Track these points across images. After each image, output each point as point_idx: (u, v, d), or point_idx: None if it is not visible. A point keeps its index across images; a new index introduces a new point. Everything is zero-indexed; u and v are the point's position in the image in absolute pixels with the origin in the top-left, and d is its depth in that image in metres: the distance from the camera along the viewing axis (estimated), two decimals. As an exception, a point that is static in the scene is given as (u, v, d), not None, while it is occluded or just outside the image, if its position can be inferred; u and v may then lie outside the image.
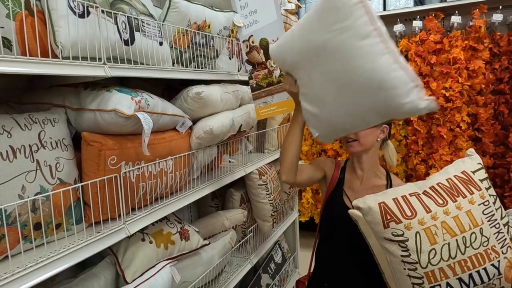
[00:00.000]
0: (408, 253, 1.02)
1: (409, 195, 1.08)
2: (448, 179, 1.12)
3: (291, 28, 1.16)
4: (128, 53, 1.14)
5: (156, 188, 1.25)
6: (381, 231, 1.05)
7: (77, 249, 0.96)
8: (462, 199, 1.07)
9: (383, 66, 0.91)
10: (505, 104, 2.99)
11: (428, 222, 1.03)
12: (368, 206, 1.06)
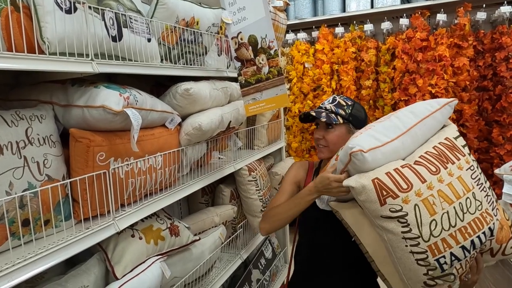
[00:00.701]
0: (408, 228, 0.96)
1: (401, 167, 1.01)
2: (435, 147, 1.08)
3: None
4: (116, 50, 1.14)
5: (145, 184, 1.25)
6: (377, 209, 0.98)
7: (66, 245, 0.96)
8: (451, 166, 1.04)
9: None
10: (489, 100, 3.07)
11: (425, 193, 0.97)
12: (362, 185, 0.98)
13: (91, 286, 1.14)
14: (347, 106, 1.33)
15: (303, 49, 3.63)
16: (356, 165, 1.03)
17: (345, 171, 1.09)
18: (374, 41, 3.39)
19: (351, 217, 1.13)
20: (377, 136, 1.05)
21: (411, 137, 1.08)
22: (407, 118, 1.11)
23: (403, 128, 1.08)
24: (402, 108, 3.29)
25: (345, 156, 1.05)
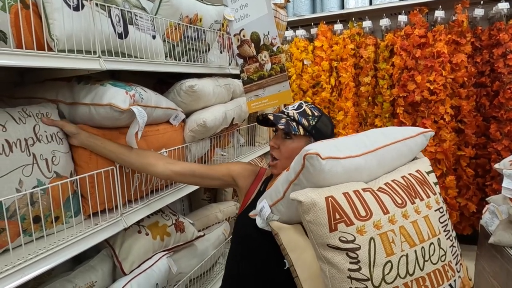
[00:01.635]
0: (358, 266, 0.79)
1: (362, 190, 0.86)
2: (404, 177, 0.95)
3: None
4: (122, 46, 1.15)
5: (151, 180, 1.26)
6: (325, 235, 0.80)
7: (75, 241, 0.97)
8: (419, 202, 0.90)
9: None
10: (486, 96, 3.10)
11: (385, 226, 0.82)
12: (312, 201, 0.81)
13: (99, 282, 1.16)
14: (312, 116, 1.12)
15: (302, 46, 3.64)
16: (309, 173, 0.85)
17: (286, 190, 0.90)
18: (373, 38, 3.41)
19: (292, 243, 0.93)
20: (339, 147, 0.89)
21: (377, 159, 0.94)
22: (376, 138, 0.98)
23: (370, 146, 0.93)
24: (400, 104, 3.28)
25: (298, 162, 0.88)
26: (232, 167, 1.25)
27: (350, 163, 0.87)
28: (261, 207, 0.99)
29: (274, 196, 0.97)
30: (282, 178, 0.95)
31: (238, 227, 1.17)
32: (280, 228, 0.95)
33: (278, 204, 0.96)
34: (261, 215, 0.99)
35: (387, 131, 1.04)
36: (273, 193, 0.98)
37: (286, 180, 0.92)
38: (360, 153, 0.90)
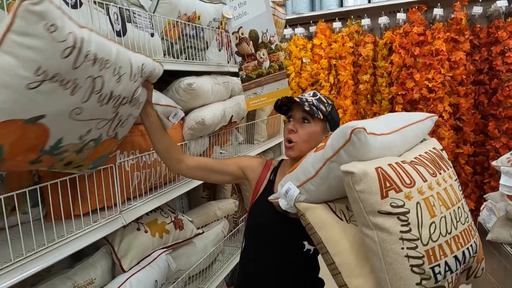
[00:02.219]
0: (409, 228, 0.87)
1: (402, 162, 0.94)
2: (426, 152, 1.04)
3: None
4: (120, 44, 1.15)
5: (150, 178, 1.27)
6: (376, 202, 0.87)
7: (74, 239, 0.97)
8: (444, 173, 1.00)
9: None
10: (485, 94, 3.10)
11: (427, 192, 0.91)
12: (363, 171, 0.87)
13: (98, 279, 1.16)
14: (327, 104, 1.19)
15: (301, 44, 3.64)
16: (355, 147, 0.90)
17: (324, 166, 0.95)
18: (372, 36, 3.41)
19: (320, 222, 0.99)
20: (371, 126, 0.94)
21: (402, 137, 1.02)
22: (396, 120, 1.06)
23: (394, 126, 1.01)
24: (399, 102, 3.29)
25: (339, 139, 0.92)
26: (241, 160, 1.29)
27: (384, 139, 0.95)
28: (287, 189, 1.03)
29: (301, 177, 1.02)
30: (312, 159, 1.01)
31: (254, 216, 1.21)
32: (307, 208, 1.00)
33: (308, 184, 1.01)
34: (287, 196, 1.03)
35: (402, 115, 1.14)
36: (300, 174, 1.03)
37: (321, 158, 0.98)
38: (389, 131, 0.98)
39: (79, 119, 0.84)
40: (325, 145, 0.98)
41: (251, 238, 1.22)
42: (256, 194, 1.23)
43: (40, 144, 0.80)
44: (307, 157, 1.05)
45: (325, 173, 0.97)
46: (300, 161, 1.08)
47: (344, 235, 0.97)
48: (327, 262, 0.99)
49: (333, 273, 0.98)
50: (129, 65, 0.93)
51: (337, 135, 0.94)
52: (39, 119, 0.76)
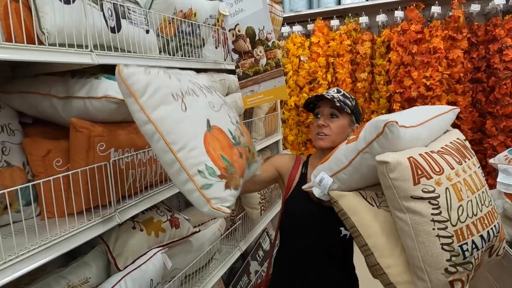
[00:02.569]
0: (439, 210, 0.97)
1: (430, 152, 1.03)
2: (451, 143, 1.13)
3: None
4: (115, 41, 1.13)
5: (145, 176, 1.25)
6: (409, 188, 0.97)
7: (68, 237, 0.96)
8: (468, 161, 1.10)
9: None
10: (482, 92, 3.10)
11: (454, 179, 1.01)
12: (397, 160, 0.96)
13: (93, 278, 1.15)
14: (351, 98, 1.33)
15: (298, 42, 3.63)
16: (387, 139, 0.99)
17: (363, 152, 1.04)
18: (369, 34, 3.40)
19: (353, 207, 1.09)
20: (402, 119, 1.02)
21: (428, 129, 1.10)
22: (422, 112, 1.15)
23: (421, 119, 1.09)
24: (397, 100, 3.28)
25: (375, 130, 1.01)
26: (275, 161, 1.41)
27: (413, 131, 1.03)
28: (321, 179, 1.15)
29: (334, 167, 1.13)
30: (344, 150, 1.11)
31: (290, 208, 1.32)
32: (340, 195, 1.10)
33: (340, 173, 1.11)
34: (321, 185, 1.15)
35: (426, 108, 1.22)
36: (333, 164, 1.13)
37: (353, 150, 1.07)
38: (417, 124, 1.05)
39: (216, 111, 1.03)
40: (358, 138, 1.07)
41: (288, 231, 1.33)
42: (289, 188, 1.34)
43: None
44: (339, 149, 1.15)
45: (358, 163, 1.07)
46: (331, 153, 1.18)
47: (375, 219, 1.07)
48: (359, 244, 1.10)
49: (366, 254, 1.08)
50: None
51: (369, 128, 1.03)
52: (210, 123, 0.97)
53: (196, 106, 0.96)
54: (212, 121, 0.97)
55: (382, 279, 1.07)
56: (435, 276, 0.98)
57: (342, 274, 1.34)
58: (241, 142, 1.03)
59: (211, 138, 0.93)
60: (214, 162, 0.92)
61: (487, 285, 1.88)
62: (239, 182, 0.96)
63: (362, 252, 1.10)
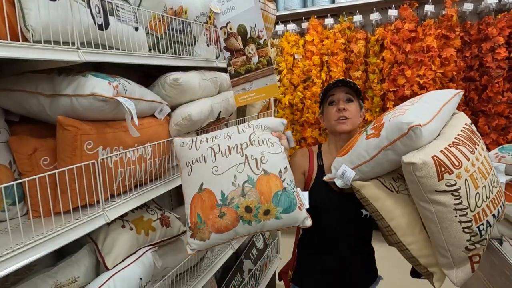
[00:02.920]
0: (460, 200, 1.08)
1: (449, 147, 1.12)
2: (462, 130, 1.21)
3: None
4: (103, 38, 1.12)
5: (135, 175, 1.25)
6: (434, 184, 1.07)
7: (55, 236, 0.95)
8: (478, 147, 1.19)
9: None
10: (475, 90, 3.12)
11: (471, 169, 1.11)
12: (423, 161, 1.06)
13: (82, 277, 1.14)
14: (356, 84, 1.44)
15: (292, 41, 3.62)
16: (412, 140, 1.09)
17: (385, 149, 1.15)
18: (363, 32, 3.41)
19: (375, 195, 1.21)
20: (419, 114, 1.12)
21: (440, 118, 1.19)
22: (433, 101, 1.22)
23: (434, 110, 1.17)
24: (390, 98, 3.28)
25: (397, 131, 1.11)
26: (296, 167, 1.46)
27: (430, 127, 1.12)
28: (343, 171, 1.26)
29: (356, 161, 1.23)
30: (365, 145, 1.21)
31: (313, 199, 1.36)
32: (362, 185, 1.22)
33: (362, 166, 1.22)
34: (343, 177, 1.26)
35: (436, 94, 1.30)
36: (354, 158, 1.24)
37: (376, 147, 1.17)
38: (431, 118, 1.14)
39: (218, 174, 1.13)
40: (379, 135, 1.17)
41: (312, 220, 1.40)
42: (309, 180, 1.43)
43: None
44: (358, 143, 1.25)
45: (380, 158, 1.17)
46: (349, 146, 1.29)
47: (396, 204, 1.20)
48: (382, 226, 1.23)
49: (388, 234, 1.22)
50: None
51: (391, 128, 1.13)
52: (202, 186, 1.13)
53: (198, 172, 1.16)
54: (206, 184, 1.14)
55: (405, 254, 1.22)
56: (457, 253, 1.12)
57: (364, 251, 1.47)
58: (233, 203, 1.09)
59: (197, 198, 1.13)
60: (190, 217, 1.14)
61: (478, 282, 1.90)
62: (207, 235, 1.11)
63: (385, 232, 1.24)
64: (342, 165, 1.26)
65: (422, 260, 1.19)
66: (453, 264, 1.15)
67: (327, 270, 1.43)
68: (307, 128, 3.64)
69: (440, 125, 1.20)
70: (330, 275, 1.43)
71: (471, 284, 2.06)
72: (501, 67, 2.92)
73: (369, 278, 1.50)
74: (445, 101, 1.24)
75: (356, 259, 1.42)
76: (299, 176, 1.47)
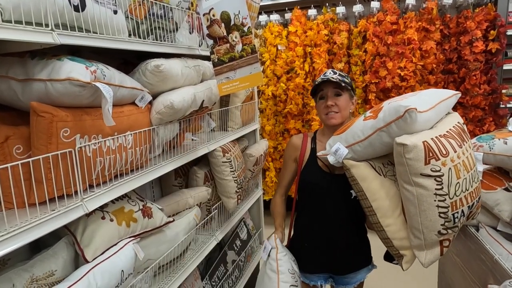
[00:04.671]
0: (441, 186, 1.16)
1: (439, 136, 1.19)
2: (454, 127, 1.28)
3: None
4: (79, 21, 1.06)
5: (115, 164, 1.20)
6: (420, 167, 1.15)
7: (30, 227, 0.90)
8: (465, 144, 1.27)
9: None
10: (453, 83, 3.19)
11: (456, 160, 1.18)
12: (414, 144, 1.13)
13: (60, 271, 1.10)
14: (346, 76, 1.51)
15: (276, 31, 3.59)
16: (406, 123, 1.15)
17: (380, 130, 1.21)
18: (346, 24, 3.42)
19: (363, 175, 1.28)
20: (417, 103, 1.18)
21: (436, 113, 1.25)
22: (431, 96, 1.28)
23: (431, 103, 1.23)
24: (372, 90, 3.32)
25: (395, 113, 1.17)
26: (288, 154, 1.59)
27: (425, 115, 1.18)
28: (336, 149, 1.32)
29: (350, 139, 1.30)
30: (361, 126, 1.27)
31: (304, 179, 1.51)
32: (353, 165, 1.29)
33: (356, 146, 1.29)
34: (336, 154, 1.33)
35: (436, 91, 1.36)
36: (349, 137, 1.31)
37: (371, 127, 1.24)
38: (428, 108, 1.20)
39: None
40: (377, 117, 1.24)
41: (305, 199, 1.53)
42: (301, 162, 1.54)
43: None
44: (355, 124, 1.31)
45: (374, 139, 1.24)
46: (346, 126, 1.35)
47: (381, 187, 1.27)
48: (364, 205, 1.31)
49: (369, 214, 1.30)
50: None
51: (389, 111, 1.20)
52: None
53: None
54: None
55: (381, 234, 1.29)
56: (430, 236, 1.20)
57: (355, 232, 1.52)
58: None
59: None
60: None
61: (456, 268, 1.96)
62: None
63: (365, 212, 1.32)
64: (337, 142, 1.33)
65: (395, 242, 1.27)
66: (424, 246, 1.23)
67: (319, 248, 1.50)
68: (290, 120, 3.64)
69: (435, 117, 1.26)
70: (322, 253, 1.49)
71: (448, 270, 2.13)
72: (478, 60, 2.99)
73: (360, 261, 1.54)
74: (443, 98, 1.31)
75: (348, 240, 1.48)
76: (291, 164, 1.59)
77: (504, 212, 1.59)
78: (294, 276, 1.42)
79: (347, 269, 1.52)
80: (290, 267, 1.43)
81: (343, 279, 1.54)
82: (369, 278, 1.62)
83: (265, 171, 3.74)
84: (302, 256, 1.55)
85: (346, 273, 1.52)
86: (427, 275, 2.63)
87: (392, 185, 1.30)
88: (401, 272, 2.49)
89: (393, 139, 1.20)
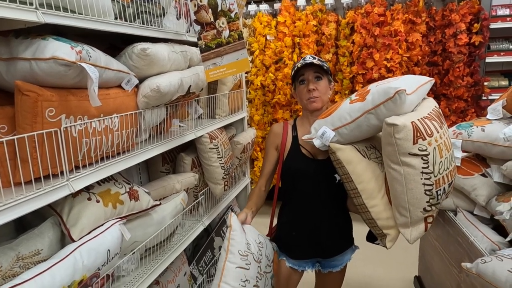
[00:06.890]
0: (427, 165, 1.21)
1: (424, 118, 1.25)
2: (432, 110, 1.34)
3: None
4: (64, 1, 1.06)
5: (101, 146, 1.21)
6: (409, 146, 1.19)
7: (14, 205, 0.91)
8: (444, 126, 1.33)
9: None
10: (438, 75, 3.26)
11: (439, 140, 1.25)
12: (404, 124, 1.17)
13: (46, 250, 1.11)
14: (325, 61, 1.53)
15: (265, 21, 3.60)
16: (396, 105, 1.19)
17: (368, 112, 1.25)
18: (335, 15, 3.44)
19: (348, 158, 1.31)
20: (404, 85, 1.21)
21: (417, 96, 1.30)
22: (412, 80, 1.32)
23: (413, 87, 1.28)
24: (359, 81, 3.35)
25: (384, 95, 1.20)
26: (270, 142, 1.60)
27: (411, 97, 1.23)
28: (323, 132, 1.34)
29: (337, 122, 1.32)
30: (348, 109, 1.30)
31: (290, 167, 1.52)
32: (338, 148, 1.32)
33: (342, 128, 1.31)
34: (323, 138, 1.34)
35: (413, 77, 1.39)
36: (336, 120, 1.33)
37: (359, 110, 1.27)
38: (412, 91, 1.25)
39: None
40: (364, 99, 1.26)
41: (290, 187, 1.53)
42: (283, 150, 1.55)
43: None
44: (341, 106, 1.34)
45: (361, 121, 1.27)
46: (331, 110, 1.37)
47: (366, 169, 1.31)
48: (349, 188, 1.34)
49: (354, 196, 1.33)
50: None
51: (378, 93, 1.23)
52: None
53: None
54: None
55: (365, 216, 1.34)
56: (415, 213, 1.26)
57: (339, 216, 1.54)
58: None
59: None
60: None
61: (435, 252, 2.03)
62: None
63: (350, 194, 1.35)
64: (323, 126, 1.35)
65: (379, 222, 1.32)
66: (410, 224, 1.28)
67: (306, 233, 1.51)
68: (278, 110, 3.67)
69: (416, 101, 1.31)
70: (306, 236, 1.51)
71: (428, 254, 2.21)
72: (461, 52, 3.06)
73: (344, 244, 1.58)
74: (422, 83, 1.35)
75: (331, 223, 1.51)
76: (272, 151, 1.60)
77: (480, 196, 1.66)
78: (246, 259, 1.35)
79: (333, 252, 1.55)
80: (243, 248, 1.36)
81: (330, 262, 1.57)
82: (353, 263, 1.66)
83: (253, 160, 3.77)
84: (291, 243, 1.56)
85: (333, 256, 1.56)
86: (408, 260, 2.71)
87: (376, 167, 1.34)
88: (384, 257, 2.58)
89: (380, 121, 1.23)
